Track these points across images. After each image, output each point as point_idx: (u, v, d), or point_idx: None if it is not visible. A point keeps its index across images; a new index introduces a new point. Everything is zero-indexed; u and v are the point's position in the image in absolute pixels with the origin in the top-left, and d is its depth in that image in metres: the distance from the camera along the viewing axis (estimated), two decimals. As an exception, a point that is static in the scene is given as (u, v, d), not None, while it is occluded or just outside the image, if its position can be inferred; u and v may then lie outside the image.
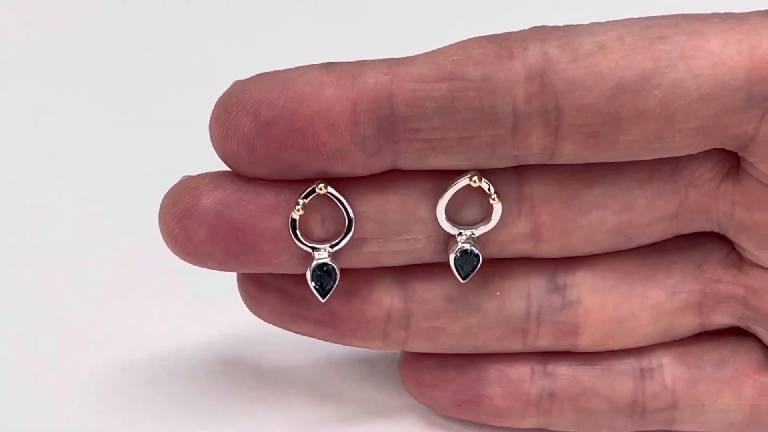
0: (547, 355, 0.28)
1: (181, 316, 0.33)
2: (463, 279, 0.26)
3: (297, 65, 0.24)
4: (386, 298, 0.27)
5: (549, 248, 0.27)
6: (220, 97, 0.24)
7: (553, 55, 0.23)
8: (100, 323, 0.33)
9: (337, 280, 0.26)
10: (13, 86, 0.43)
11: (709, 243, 0.27)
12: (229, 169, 0.25)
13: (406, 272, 0.27)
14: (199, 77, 0.40)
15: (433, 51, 0.24)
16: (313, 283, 0.26)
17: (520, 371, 0.28)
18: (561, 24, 0.24)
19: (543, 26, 0.24)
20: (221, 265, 0.25)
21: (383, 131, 0.24)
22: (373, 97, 0.23)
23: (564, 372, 0.28)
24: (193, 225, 0.25)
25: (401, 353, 0.29)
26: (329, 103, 0.23)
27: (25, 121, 0.41)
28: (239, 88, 0.24)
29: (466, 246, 0.26)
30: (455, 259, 0.26)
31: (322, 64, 0.24)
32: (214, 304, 0.32)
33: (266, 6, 0.46)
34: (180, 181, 0.25)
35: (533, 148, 0.24)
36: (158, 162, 0.38)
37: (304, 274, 0.26)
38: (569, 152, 0.24)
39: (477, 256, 0.26)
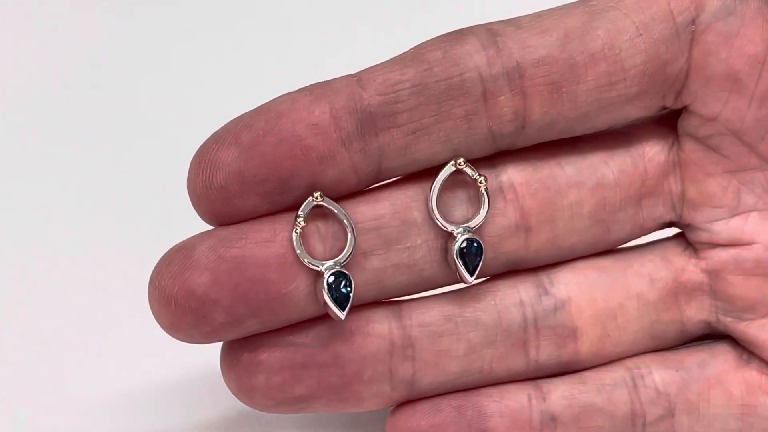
0: (539, 381, 0.28)
1: (168, 390, 0.32)
2: (471, 275, 0.26)
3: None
4: (385, 328, 0.27)
5: (537, 242, 0.27)
6: (196, 151, 0.25)
7: (499, 28, 0.26)
8: (86, 385, 0.32)
9: (353, 290, 0.25)
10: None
11: (668, 241, 0.29)
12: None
13: (398, 304, 0.27)
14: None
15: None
16: (329, 295, 0.25)
17: (518, 399, 0.27)
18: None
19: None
20: (228, 313, 0.24)
21: (364, 124, 0.24)
22: (348, 96, 0.24)
23: (560, 393, 0.28)
24: (193, 275, 0.24)
25: (388, 415, 0.28)
26: (308, 109, 0.24)
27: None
28: (213, 134, 0.25)
29: (468, 235, 0.26)
30: (460, 251, 0.26)
31: (286, 93, 0.25)
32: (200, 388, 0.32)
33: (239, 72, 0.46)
34: (166, 252, 0.25)
35: (505, 114, 0.25)
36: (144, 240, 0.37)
37: (301, 324, 0.26)
38: (538, 114, 0.26)
39: (480, 246, 0.26)
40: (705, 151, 0.27)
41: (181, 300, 0.24)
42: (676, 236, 0.29)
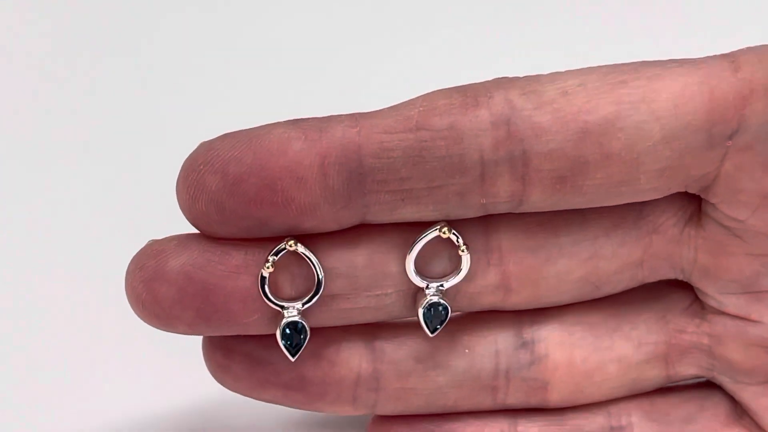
0: (516, 416, 0.28)
1: (150, 381, 0.32)
2: (432, 333, 0.26)
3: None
4: (355, 360, 0.27)
5: (518, 299, 0.27)
6: (187, 159, 0.24)
7: (518, 102, 0.24)
8: (69, 392, 0.32)
9: (308, 338, 0.25)
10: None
11: (672, 294, 0.28)
12: (196, 231, 0.25)
13: (373, 333, 0.27)
14: (166, 141, 0.39)
15: (399, 104, 0.24)
16: (283, 342, 0.25)
17: None
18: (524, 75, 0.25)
19: (506, 77, 0.25)
20: (191, 328, 0.25)
21: (352, 184, 0.24)
22: (341, 150, 0.23)
23: None
24: (161, 288, 0.24)
25: (370, 421, 0.28)
26: (298, 157, 0.23)
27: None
28: (206, 147, 0.24)
29: (435, 299, 0.26)
30: (424, 312, 0.26)
31: (288, 120, 0.24)
32: (184, 368, 0.31)
33: (233, 69, 0.46)
34: (146, 246, 0.25)
35: (501, 195, 0.24)
36: (124, 226, 0.37)
37: (272, 337, 0.26)
38: (537, 199, 0.24)
39: (446, 308, 0.26)
40: (728, 235, 0.26)
41: (148, 305, 0.25)
42: (681, 287, 0.28)
